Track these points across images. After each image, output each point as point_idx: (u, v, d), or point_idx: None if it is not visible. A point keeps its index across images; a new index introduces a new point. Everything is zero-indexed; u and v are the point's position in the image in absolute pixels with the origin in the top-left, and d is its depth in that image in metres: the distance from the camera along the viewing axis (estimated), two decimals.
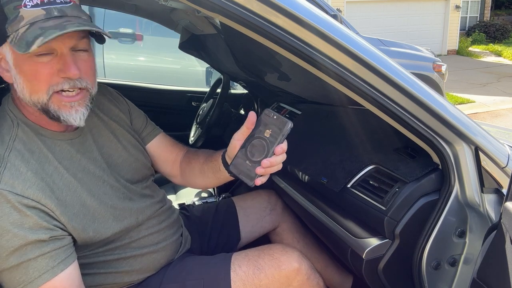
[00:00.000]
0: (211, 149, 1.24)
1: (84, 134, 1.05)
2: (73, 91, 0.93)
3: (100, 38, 0.97)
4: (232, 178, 1.10)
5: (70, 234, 0.93)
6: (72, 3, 0.91)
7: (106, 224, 1.01)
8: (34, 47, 0.82)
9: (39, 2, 0.86)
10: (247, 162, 0.89)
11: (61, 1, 0.89)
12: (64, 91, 0.92)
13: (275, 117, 0.88)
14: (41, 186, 0.89)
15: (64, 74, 0.90)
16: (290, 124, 0.87)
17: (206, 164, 1.18)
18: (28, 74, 0.89)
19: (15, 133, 0.93)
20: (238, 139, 0.97)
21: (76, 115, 0.93)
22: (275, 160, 0.88)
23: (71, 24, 0.86)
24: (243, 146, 0.91)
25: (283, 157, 0.90)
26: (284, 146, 0.88)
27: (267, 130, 0.88)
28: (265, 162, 0.87)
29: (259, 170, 0.88)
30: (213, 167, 1.14)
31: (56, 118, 0.93)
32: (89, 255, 1.03)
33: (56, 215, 0.90)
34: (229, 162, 1.02)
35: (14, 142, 0.91)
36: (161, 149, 1.30)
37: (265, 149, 0.88)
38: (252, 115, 0.90)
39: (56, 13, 0.87)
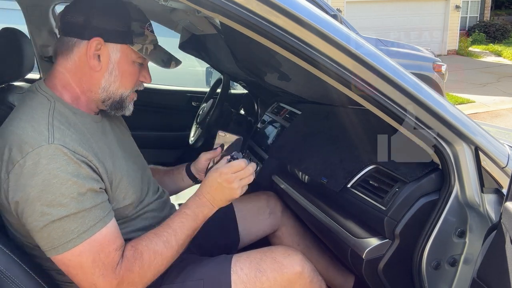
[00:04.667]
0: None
1: (104, 120, 1.17)
2: None
3: None
4: (189, 185, 1.43)
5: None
6: None
7: (128, 193, 1.09)
8: (172, 67, 1.15)
9: (151, 30, 1.12)
10: None
11: None
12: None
13: (227, 135, 1.23)
14: (85, 147, 0.99)
15: (145, 80, 1.16)
16: (240, 138, 1.21)
17: (167, 175, 1.45)
18: (126, 73, 1.09)
19: (53, 106, 1.03)
20: (205, 159, 1.33)
21: (132, 108, 1.18)
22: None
23: (177, 59, 1.17)
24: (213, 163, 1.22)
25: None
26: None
27: (226, 147, 1.22)
28: None
29: None
30: (175, 178, 1.44)
31: (124, 108, 1.15)
32: None
33: (99, 172, 1.00)
34: (195, 173, 1.39)
35: (54, 112, 1.01)
36: None
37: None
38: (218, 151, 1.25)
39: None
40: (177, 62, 1.17)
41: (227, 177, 1.08)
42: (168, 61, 1.14)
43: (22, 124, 0.97)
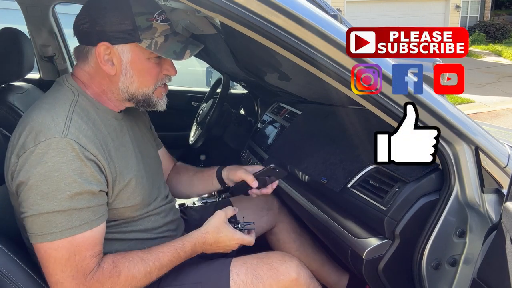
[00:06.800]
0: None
1: (125, 119, 1.17)
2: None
3: None
4: (218, 188, 1.45)
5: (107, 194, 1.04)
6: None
7: (134, 194, 1.09)
8: (186, 57, 1.06)
9: (163, 18, 1.07)
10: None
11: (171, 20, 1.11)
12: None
13: (277, 170, 1.28)
14: (97, 144, 1.00)
15: (168, 73, 1.11)
16: (286, 174, 1.31)
17: (196, 176, 1.46)
18: (142, 72, 1.07)
19: (76, 99, 1.04)
20: (240, 177, 1.33)
21: (163, 103, 1.15)
22: (266, 192, 1.33)
23: (197, 43, 1.11)
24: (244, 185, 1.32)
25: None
26: (274, 185, 1.33)
27: (269, 176, 1.30)
28: (263, 190, 1.33)
29: (253, 190, 1.33)
30: (205, 179, 1.44)
31: (153, 104, 1.13)
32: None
33: (105, 172, 1.01)
34: (225, 178, 1.41)
35: (76, 105, 1.03)
36: (165, 158, 1.46)
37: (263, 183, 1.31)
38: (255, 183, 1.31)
39: (174, 29, 1.10)
40: (193, 50, 1.09)
41: (231, 245, 1.15)
42: (181, 51, 1.07)
43: (43, 113, 0.98)
